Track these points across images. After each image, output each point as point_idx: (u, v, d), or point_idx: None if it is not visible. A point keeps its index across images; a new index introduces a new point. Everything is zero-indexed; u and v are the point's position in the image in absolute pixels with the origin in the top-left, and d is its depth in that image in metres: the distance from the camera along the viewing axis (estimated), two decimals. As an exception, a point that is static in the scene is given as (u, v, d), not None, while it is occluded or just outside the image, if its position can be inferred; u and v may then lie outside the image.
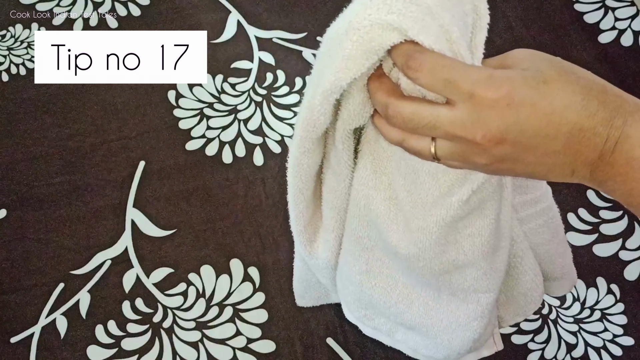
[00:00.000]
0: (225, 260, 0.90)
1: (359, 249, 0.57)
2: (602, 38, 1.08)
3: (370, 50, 0.41)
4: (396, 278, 0.59)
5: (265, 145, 0.98)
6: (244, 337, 0.85)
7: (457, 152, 0.42)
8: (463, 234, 0.50)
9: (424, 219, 0.49)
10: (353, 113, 0.46)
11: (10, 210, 0.93)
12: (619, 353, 0.84)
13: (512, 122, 0.39)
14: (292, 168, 0.52)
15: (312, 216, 0.58)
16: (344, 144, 0.49)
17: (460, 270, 0.53)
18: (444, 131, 0.41)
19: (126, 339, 0.85)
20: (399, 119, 0.42)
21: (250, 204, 0.94)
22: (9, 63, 1.05)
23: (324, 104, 0.44)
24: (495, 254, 0.53)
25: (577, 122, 0.39)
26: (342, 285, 0.63)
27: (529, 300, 0.64)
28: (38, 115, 1.01)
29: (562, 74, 0.40)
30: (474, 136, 0.40)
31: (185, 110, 1.01)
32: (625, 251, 0.90)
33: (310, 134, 0.47)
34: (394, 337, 0.66)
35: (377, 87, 0.43)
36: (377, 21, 0.40)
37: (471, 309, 0.57)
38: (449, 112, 0.40)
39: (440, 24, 0.40)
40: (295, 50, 1.07)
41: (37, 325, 0.86)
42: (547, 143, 0.39)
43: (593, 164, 0.40)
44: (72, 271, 0.89)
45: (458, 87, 0.39)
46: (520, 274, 0.61)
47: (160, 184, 0.95)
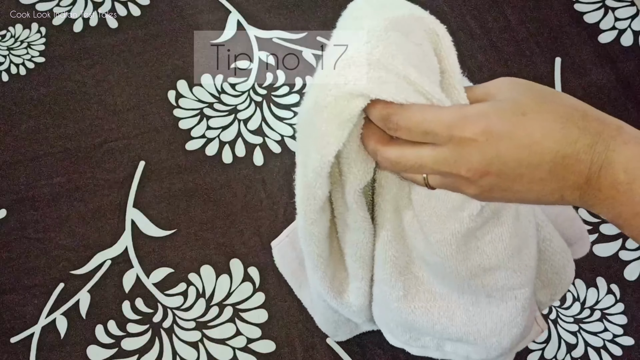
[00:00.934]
0: (225, 260, 0.90)
1: (395, 273, 0.57)
2: (602, 38, 1.08)
3: (343, 121, 0.43)
4: (433, 292, 0.59)
5: (265, 145, 0.98)
6: (244, 337, 0.85)
7: (447, 184, 0.44)
8: (483, 241, 0.51)
9: (441, 232, 0.50)
10: (358, 174, 0.48)
11: (10, 210, 0.93)
12: (619, 353, 0.84)
13: (493, 155, 0.40)
14: (303, 238, 0.54)
15: (335, 272, 0.59)
16: (357, 203, 0.50)
17: (489, 273, 0.54)
18: (430, 169, 0.43)
19: (126, 339, 0.85)
20: (388, 163, 0.45)
21: (250, 204, 0.94)
22: (9, 63, 1.05)
23: (317, 180, 0.46)
24: (522, 252, 0.54)
25: (559, 150, 0.40)
26: (381, 314, 0.63)
27: (563, 277, 0.64)
28: (38, 115, 1.01)
29: (540, 104, 0.41)
30: (459, 171, 0.42)
31: (185, 110, 1.01)
32: (625, 251, 0.90)
33: (312, 206, 0.49)
34: (443, 350, 0.66)
35: (366, 136, 0.46)
36: (339, 95, 0.42)
37: (511, 305, 0.57)
38: (432, 152, 0.42)
39: (396, 72, 0.42)
40: (295, 50, 1.07)
41: (37, 325, 0.86)
42: (531, 172, 0.41)
43: (581, 189, 0.41)
44: (72, 271, 0.89)
45: (436, 135, 0.41)
46: (552, 255, 0.62)
47: (160, 184, 0.95)
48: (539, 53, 1.06)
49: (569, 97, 0.43)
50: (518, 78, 0.45)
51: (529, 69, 1.05)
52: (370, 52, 0.42)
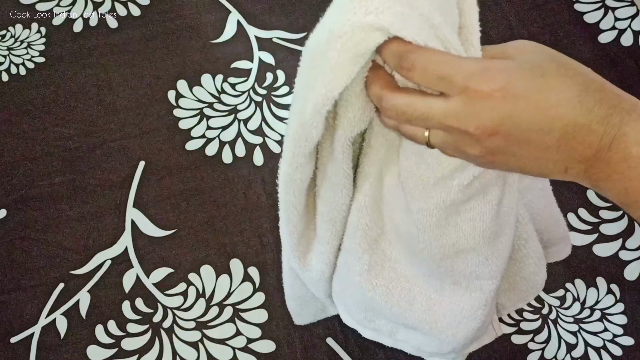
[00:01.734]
0: (225, 260, 0.90)
1: (364, 244, 0.55)
2: (602, 38, 1.08)
3: (357, 54, 0.40)
4: (398, 272, 0.58)
5: (265, 145, 0.98)
6: (244, 337, 0.85)
7: (450, 142, 0.42)
8: (464, 218, 0.50)
9: (424, 201, 0.48)
10: (354, 120, 0.45)
11: (10, 210, 0.93)
12: (619, 353, 0.84)
13: (506, 115, 0.39)
14: (283, 184, 0.51)
15: (304, 229, 0.57)
16: (344, 154, 0.48)
17: (461, 256, 0.53)
18: (437, 122, 0.41)
19: (126, 339, 0.85)
20: (393, 111, 0.42)
21: (250, 204, 0.94)
22: (9, 63, 1.06)
23: (315, 118, 0.43)
24: (497, 239, 0.53)
25: (572, 117, 0.38)
26: (341, 288, 0.62)
27: (531, 284, 0.63)
28: (38, 115, 1.01)
29: (560, 69, 0.40)
30: (467, 127, 0.39)
31: (185, 110, 1.01)
32: (625, 251, 0.90)
33: (302, 149, 0.46)
34: (395, 337, 0.66)
35: (372, 80, 0.43)
36: (357, 24, 0.40)
37: (475, 297, 0.56)
38: (442, 104, 0.40)
39: (421, 12, 0.40)
40: (295, 50, 1.07)
41: (37, 325, 0.86)
42: (540, 137, 0.39)
43: (588, 162, 0.39)
44: (72, 271, 0.89)
45: (452, 82, 0.39)
46: (524, 257, 0.60)
47: (160, 184, 0.95)
48: (539, 53, 1.06)
49: (587, 68, 0.42)
50: (537, 43, 0.43)
51: (529, 69, 1.05)
52: None
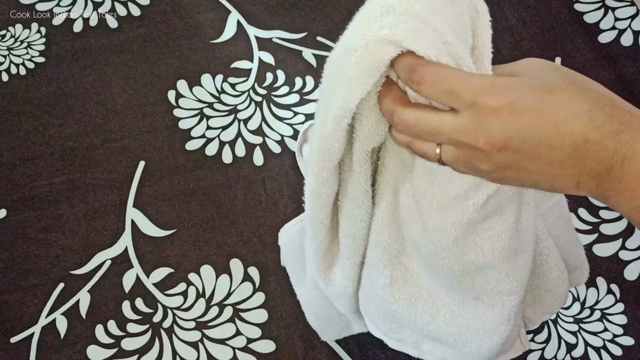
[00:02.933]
0: (225, 260, 0.90)
1: (385, 259, 0.56)
2: (602, 38, 1.08)
3: (371, 67, 0.42)
4: (420, 285, 0.58)
5: (265, 145, 0.98)
6: (244, 337, 0.85)
7: (461, 158, 0.42)
8: (482, 237, 0.50)
9: (440, 220, 0.49)
10: (369, 133, 0.47)
11: (10, 210, 0.93)
12: (619, 353, 0.84)
13: (515, 130, 0.39)
14: (310, 200, 0.53)
15: (330, 245, 0.58)
16: (361, 167, 0.49)
17: (481, 272, 0.53)
18: (447, 137, 0.41)
19: (126, 339, 0.85)
20: (404, 125, 0.43)
21: (250, 204, 0.94)
22: (9, 63, 1.06)
23: (336, 130, 0.45)
24: (518, 256, 0.53)
25: (583, 133, 0.38)
26: (366, 300, 0.63)
27: (556, 296, 0.64)
28: (38, 115, 1.01)
29: (570, 85, 0.40)
30: (477, 142, 0.40)
31: (185, 110, 1.01)
32: (625, 251, 0.90)
33: (326, 163, 0.48)
34: (420, 349, 0.65)
35: (384, 95, 0.44)
36: (372, 38, 0.41)
37: (497, 312, 0.56)
38: (452, 119, 0.40)
39: (434, 29, 0.41)
40: (295, 50, 1.07)
41: (37, 325, 0.86)
42: (551, 152, 0.39)
43: (599, 177, 0.39)
44: (72, 271, 0.89)
45: (460, 97, 0.39)
46: (547, 271, 0.61)
47: (160, 184, 0.95)
48: (539, 53, 1.06)
49: (597, 84, 0.42)
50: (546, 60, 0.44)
51: (529, 69, 1.04)
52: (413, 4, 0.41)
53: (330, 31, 1.09)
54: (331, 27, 1.09)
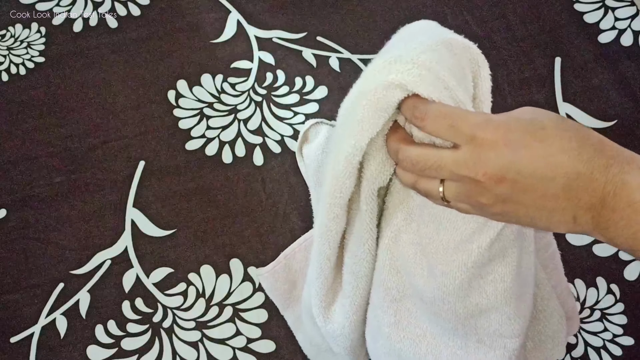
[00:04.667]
0: (225, 260, 0.90)
1: (387, 300, 0.58)
2: (602, 38, 1.08)
3: (380, 109, 0.46)
4: (424, 329, 0.60)
5: (265, 145, 0.98)
6: (244, 337, 0.85)
7: (462, 193, 0.45)
8: (486, 280, 0.53)
9: (447, 265, 0.51)
10: (375, 172, 0.50)
11: (10, 210, 0.93)
12: (618, 353, 0.84)
13: (510, 162, 0.41)
14: (319, 236, 0.55)
15: (333, 282, 0.61)
16: (367, 205, 0.52)
17: (484, 315, 0.55)
18: (449, 171, 0.44)
19: (126, 338, 0.85)
20: (408, 161, 0.46)
21: (250, 204, 0.94)
22: (8, 63, 1.06)
23: (348, 168, 0.49)
24: (519, 299, 0.55)
25: (574, 166, 0.41)
26: (373, 340, 0.64)
27: (556, 342, 0.66)
28: (38, 115, 1.01)
29: (559, 124, 0.43)
30: (476, 174, 0.42)
31: (185, 110, 1.01)
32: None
33: (338, 200, 0.51)
34: None
35: (391, 136, 0.48)
36: (381, 83, 0.45)
37: (498, 354, 0.58)
38: (452, 154, 0.44)
39: (437, 76, 0.45)
40: (295, 50, 1.07)
41: (37, 325, 0.86)
42: (545, 185, 0.41)
43: (594, 209, 0.41)
44: (72, 271, 0.89)
45: (460, 131, 0.43)
46: (549, 316, 0.63)
47: (160, 184, 0.95)
48: (539, 53, 1.06)
49: (587, 128, 0.45)
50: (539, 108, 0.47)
51: (529, 69, 1.05)
52: (418, 55, 0.46)
53: (330, 31, 1.09)
54: (331, 27, 1.09)
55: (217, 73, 1.04)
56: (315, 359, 0.79)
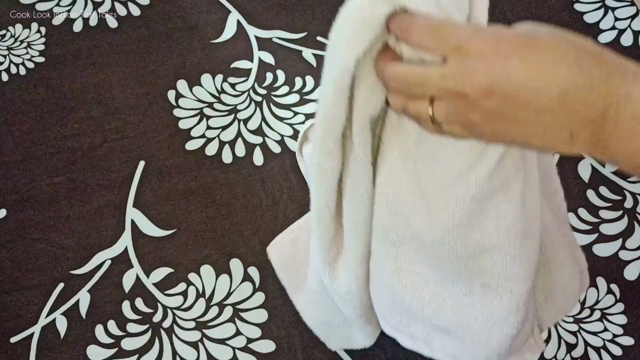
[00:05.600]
0: (225, 260, 0.90)
1: (387, 245, 0.56)
2: (602, 38, 1.08)
3: (367, 25, 0.43)
4: (426, 276, 0.58)
5: (265, 145, 0.98)
6: (244, 337, 0.85)
7: (452, 112, 0.42)
8: (488, 217, 0.50)
9: (444, 201, 0.49)
10: (365, 98, 0.48)
11: (10, 210, 0.93)
12: (618, 353, 0.84)
13: (500, 72, 0.38)
14: (315, 179, 0.53)
15: (335, 234, 0.58)
16: (360, 138, 0.50)
17: (487, 254, 0.53)
18: (435, 86, 0.41)
19: (126, 338, 0.85)
20: (394, 80, 0.44)
21: (250, 204, 0.94)
22: (8, 63, 1.06)
23: (337, 95, 0.46)
24: (525, 239, 0.53)
25: (570, 77, 0.37)
26: (375, 290, 0.63)
27: (568, 294, 0.63)
28: (38, 115, 1.01)
29: (556, 35, 0.39)
30: (463, 87, 0.39)
31: (185, 110, 1.01)
32: (625, 251, 0.90)
33: (329, 132, 0.49)
34: (432, 345, 0.65)
35: (379, 57, 0.45)
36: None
37: (505, 300, 0.56)
38: (439, 68, 0.41)
39: None
40: (295, 50, 1.07)
41: (37, 325, 0.86)
42: (538, 98, 0.38)
43: (594, 123, 0.38)
44: (72, 271, 0.89)
45: (445, 42, 0.40)
46: (559, 265, 0.61)
47: (160, 184, 0.95)
48: (539, 53, 1.06)
49: (586, 40, 0.41)
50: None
51: (529, 69, 1.04)
52: None
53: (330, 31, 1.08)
54: (331, 27, 1.09)
55: (217, 73, 1.04)
56: (327, 339, 0.77)
